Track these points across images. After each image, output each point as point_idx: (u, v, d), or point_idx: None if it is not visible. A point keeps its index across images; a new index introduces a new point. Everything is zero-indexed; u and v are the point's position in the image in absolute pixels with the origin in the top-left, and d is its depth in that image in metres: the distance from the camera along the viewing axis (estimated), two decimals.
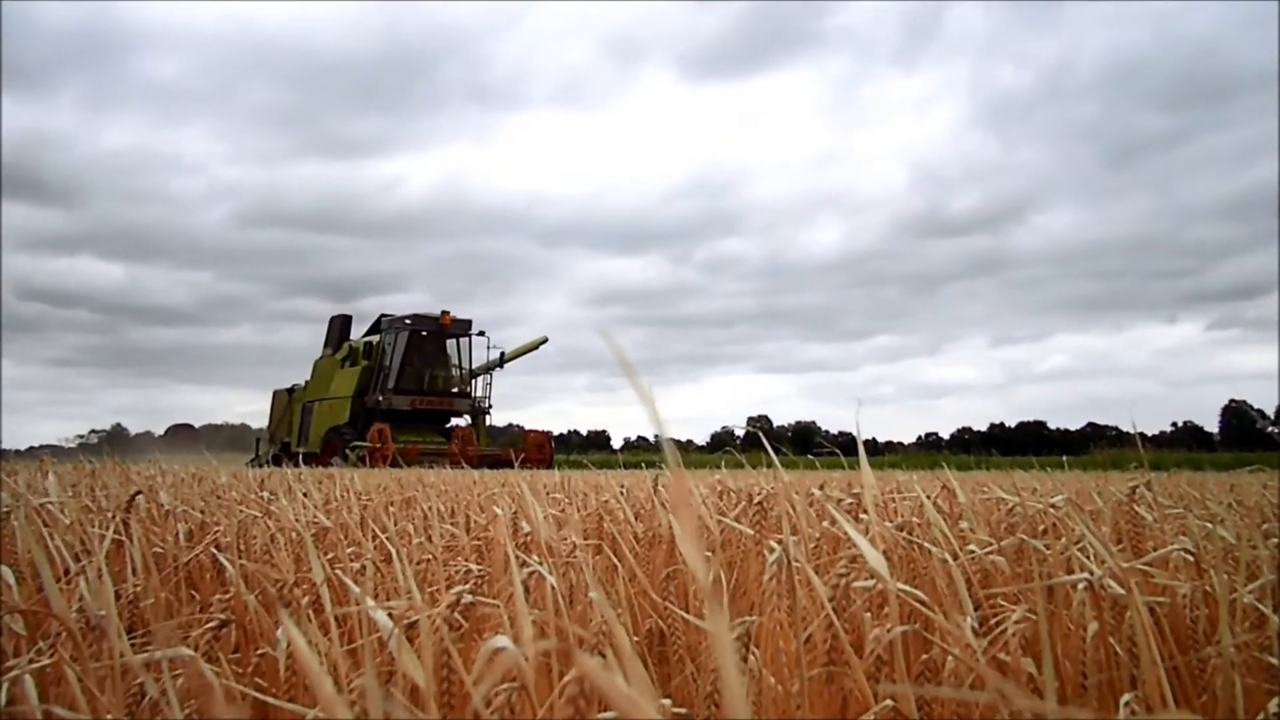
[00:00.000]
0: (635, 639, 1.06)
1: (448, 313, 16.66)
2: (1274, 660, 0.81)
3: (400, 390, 16.09)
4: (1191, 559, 1.01)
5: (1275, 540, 1.12)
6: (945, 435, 52.57)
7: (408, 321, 16.51)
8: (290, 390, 18.65)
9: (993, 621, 0.85)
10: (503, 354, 16.97)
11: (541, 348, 17.49)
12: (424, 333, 16.61)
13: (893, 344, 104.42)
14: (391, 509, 1.89)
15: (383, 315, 17.32)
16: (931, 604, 0.83)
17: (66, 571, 1.05)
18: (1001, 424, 55.26)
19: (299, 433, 17.57)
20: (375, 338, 17.03)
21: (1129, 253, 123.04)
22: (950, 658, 0.78)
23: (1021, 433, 51.31)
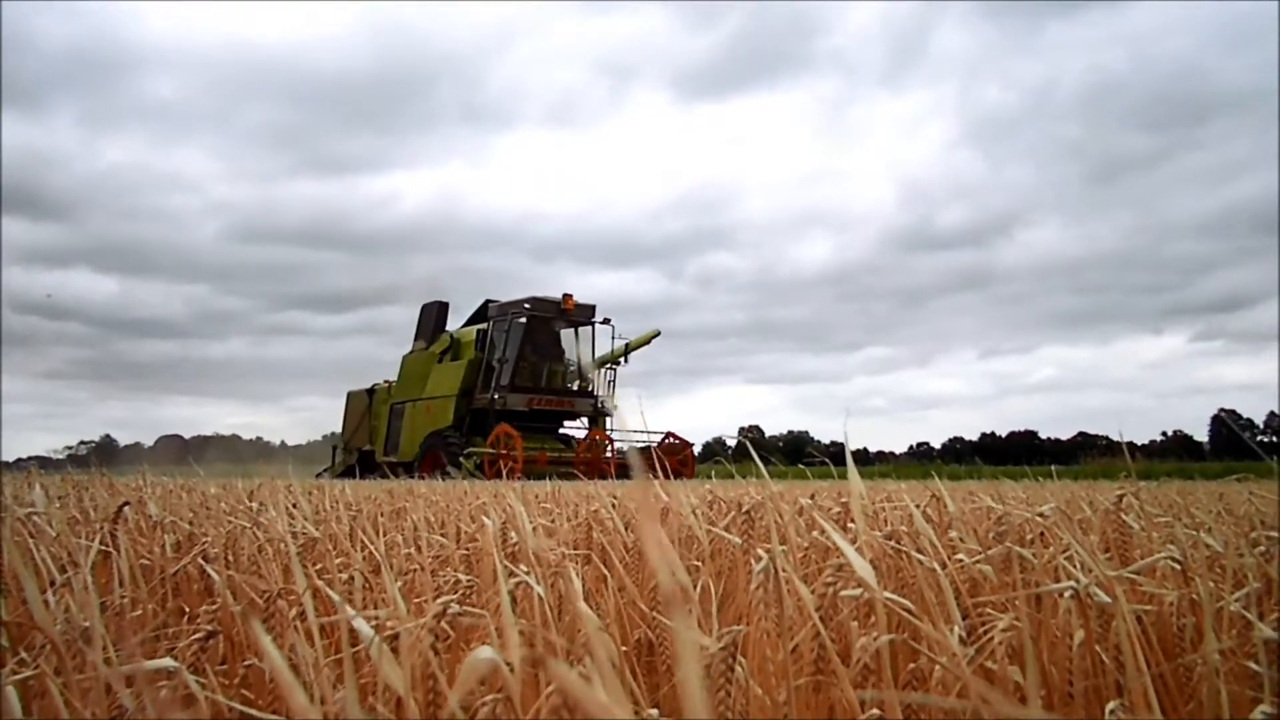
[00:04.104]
0: (624, 649, 1.06)
1: (570, 296, 14.11)
2: (1259, 668, 0.81)
3: (516, 388, 13.66)
4: (1178, 567, 1.02)
5: (1261, 548, 1.13)
6: (937, 445, 52.71)
7: (526, 306, 13.96)
8: (370, 391, 15.99)
9: (980, 630, 0.85)
10: (627, 345, 14.30)
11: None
12: (541, 320, 14.10)
13: (883, 356, 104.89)
14: (381, 519, 1.89)
15: (488, 301, 14.96)
16: (919, 613, 0.83)
17: (52, 583, 1.04)
18: (993, 434, 55.49)
19: (386, 439, 15.08)
20: (483, 326, 14.53)
21: (1113, 267, 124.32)
22: (937, 666, 0.78)
23: (1013, 442, 51.47)
